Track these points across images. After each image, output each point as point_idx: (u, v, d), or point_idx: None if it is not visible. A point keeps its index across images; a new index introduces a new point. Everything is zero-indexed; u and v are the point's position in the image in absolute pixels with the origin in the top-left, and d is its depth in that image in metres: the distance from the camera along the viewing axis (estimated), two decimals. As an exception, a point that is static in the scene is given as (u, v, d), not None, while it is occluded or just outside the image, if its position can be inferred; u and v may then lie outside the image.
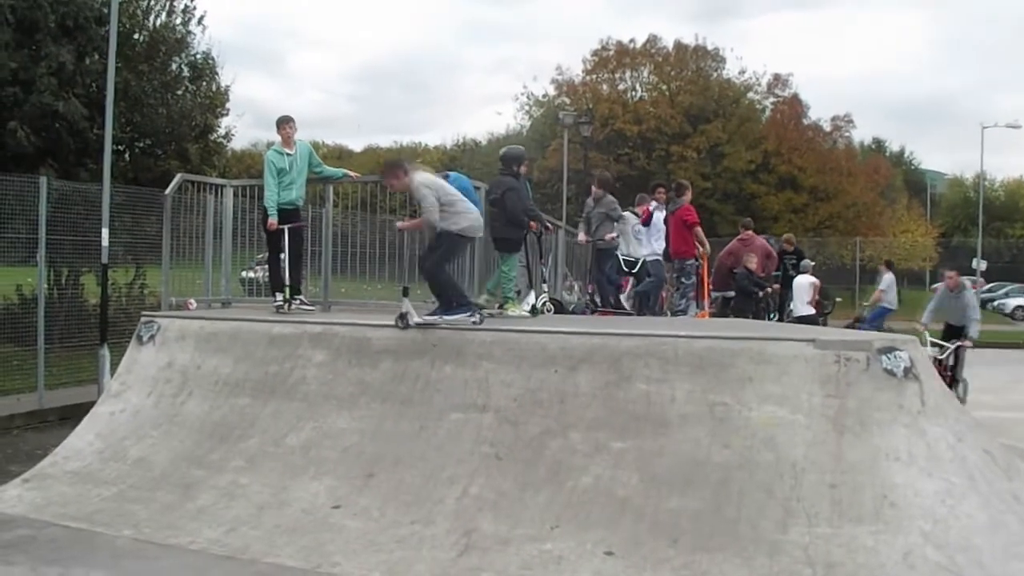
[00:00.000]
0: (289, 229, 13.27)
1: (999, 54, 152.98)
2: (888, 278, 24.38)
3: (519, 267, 13.76)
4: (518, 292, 13.68)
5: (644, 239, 16.78)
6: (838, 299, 27.09)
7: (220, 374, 11.32)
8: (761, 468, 8.32)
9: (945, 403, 8.96)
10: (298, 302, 13.34)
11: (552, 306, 14.55)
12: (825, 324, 22.63)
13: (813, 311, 22.14)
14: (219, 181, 15.44)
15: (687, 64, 64.03)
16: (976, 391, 17.21)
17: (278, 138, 13.58)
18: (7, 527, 9.20)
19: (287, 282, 13.29)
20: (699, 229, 16.71)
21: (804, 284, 22.05)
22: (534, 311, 13.35)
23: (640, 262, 16.52)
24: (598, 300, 16.27)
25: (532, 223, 13.43)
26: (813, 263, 25.03)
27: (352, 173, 14.64)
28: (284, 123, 13.58)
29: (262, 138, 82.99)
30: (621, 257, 16.49)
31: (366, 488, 9.31)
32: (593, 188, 17.04)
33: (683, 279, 16.64)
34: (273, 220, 13.10)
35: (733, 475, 8.35)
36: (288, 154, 13.41)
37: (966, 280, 17.87)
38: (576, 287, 18.33)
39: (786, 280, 22.08)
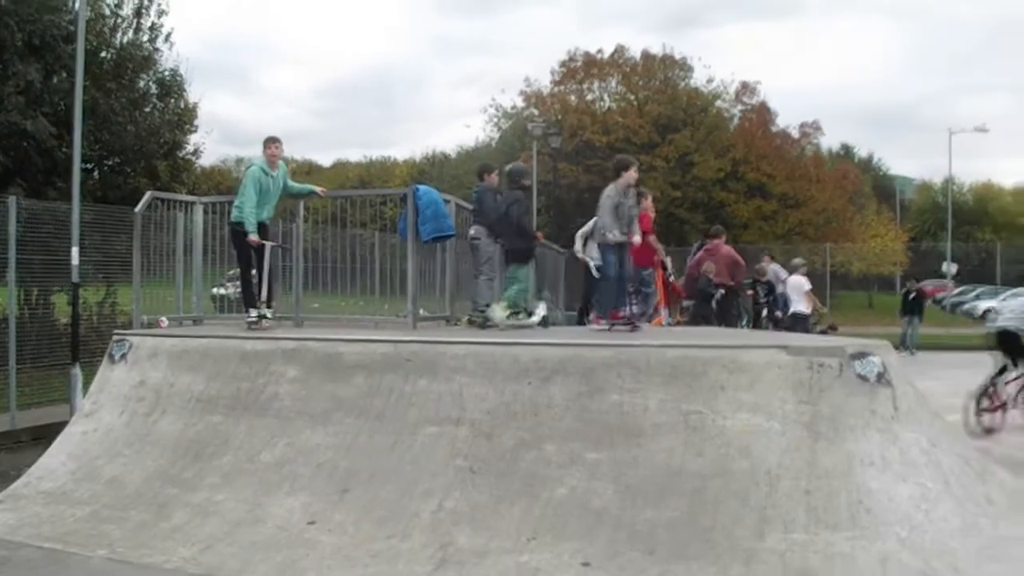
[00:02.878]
0: (267, 246, 13.26)
1: (964, 60, 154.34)
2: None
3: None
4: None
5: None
6: (824, 310, 27.27)
7: (193, 391, 11.28)
8: (736, 476, 8.33)
9: (918, 408, 9.01)
10: (269, 315, 13.28)
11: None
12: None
13: (808, 310, 22.57)
14: (189, 198, 15.39)
15: (655, 74, 64.15)
16: (949, 395, 17.24)
17: (254, 154, 13.42)
18: (-20, 549, 9.16)
19: (262, 298, 13.24)
20: (652, 237, 16.53)
21: (799, 283, 22.55)
22: (544, 322, 13.48)
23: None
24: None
25: (539, 234, 13.49)
26: (804, 261, 25.22)
27: (318, 189, 14.58)
28: (272, 143, 13.42)
29: (231, 154, 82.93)
30: (593, 264, 16.44)
31: (341, 503, 9.28)
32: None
33: (643, 288, 16.49)
34: (255, 236, 12.99)
35: (708, 484, 8.36)
36: (272, 176, 13.32)
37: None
38: (551, 300, 18.25)
39: (758, 310, 22.23)
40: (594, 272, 15.32)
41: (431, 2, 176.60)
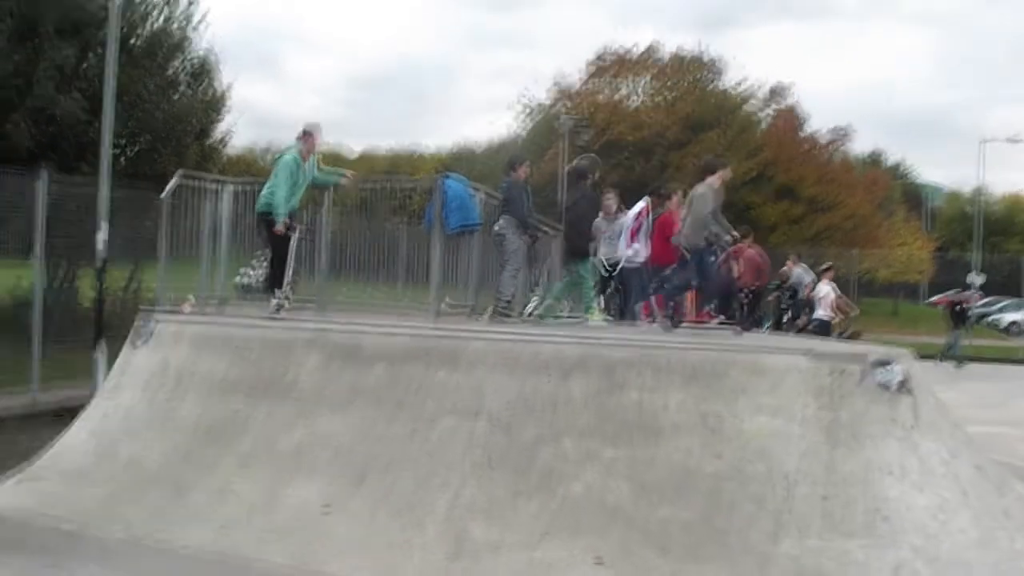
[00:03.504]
0: (295, 233, 13.24)
1: (998, 69, 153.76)
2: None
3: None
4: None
5: (619, 242, 16.36)
6: (856, 311, 27.26)
7: (214, 376, 11.31)
8: (753, 479, 8.31)
9: (939, 418, 8.95)
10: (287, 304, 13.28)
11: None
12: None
13: (829, 317, 22.59)
14: (218, 179, 15.36)
15: (686, 73, 63.94)
16: (970, 406, 17.22)
17: (284, 140, 13.42)
18: (-1, 526, 9.21)
19: (287, 285, 13.24)
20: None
21: (824, 290, 22.60)
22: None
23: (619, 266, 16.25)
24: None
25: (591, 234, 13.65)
26: (827, 265, 25.23)
27: (347, 174, 14.51)
28: (309, 135, 13.30)
29: (260, 139, 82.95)
30: (605, 259, 16.36)
31: (357, 491, 9.30)
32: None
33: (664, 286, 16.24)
34: (280, 227, 12.96)
35: (724, 485, 8.34)
36: (304, 167, 13.25)
37: None
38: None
39: (780, 314, 22.17)
40: (604, 268, 15.27)
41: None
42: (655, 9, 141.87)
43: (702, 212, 12.28)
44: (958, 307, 34.34)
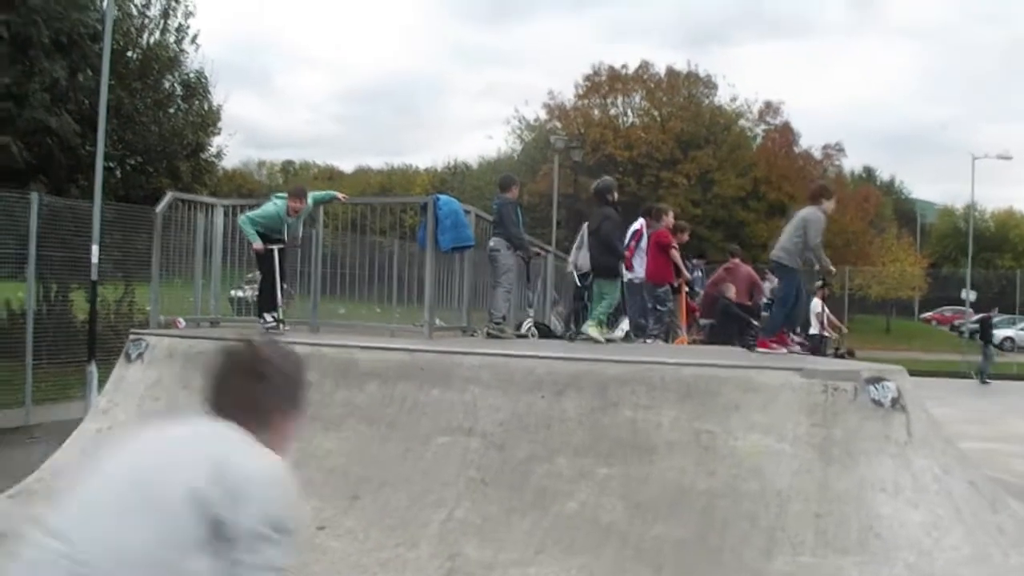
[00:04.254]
0: (279, 250, 13.21)
1: (988, 85, 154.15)
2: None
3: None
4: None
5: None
6: (845, 330, 27.36)
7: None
8: (746, 497, 8.30)
9: (932, 434, 8.97)
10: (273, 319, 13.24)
11: (536, 330, 14.59)
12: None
13: (821, 333, 22.67)
14: (210, 200, 15.39)
15: (679, 90, 64.12)
16: (964, 421, 17.23)
17: (276, 158, 13.57)
18: (-9, 543, 9.17)
19: (280, 303, 13.21)
20: (675, 252, 16.33)
21: (815, 305, 22.73)
22: (628, 337, 13.81)
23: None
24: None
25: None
26: (821, 282, 25.32)
27: (340, 195, 14.59)
28: (296, 197, 13.46)
29: (253, 156, 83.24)
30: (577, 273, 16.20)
31: (351, 510, 9.28)
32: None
33: (658, 306, 16.21)
34: (258, 244, 12.99)
35: (718, 503, 8.33)
36: (288, 222, 13.37)
37: None
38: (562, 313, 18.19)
39: None
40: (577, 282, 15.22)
41: (454, 12, 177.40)
42: (643, 28, 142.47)
43: (815, 239, 12.15)
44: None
